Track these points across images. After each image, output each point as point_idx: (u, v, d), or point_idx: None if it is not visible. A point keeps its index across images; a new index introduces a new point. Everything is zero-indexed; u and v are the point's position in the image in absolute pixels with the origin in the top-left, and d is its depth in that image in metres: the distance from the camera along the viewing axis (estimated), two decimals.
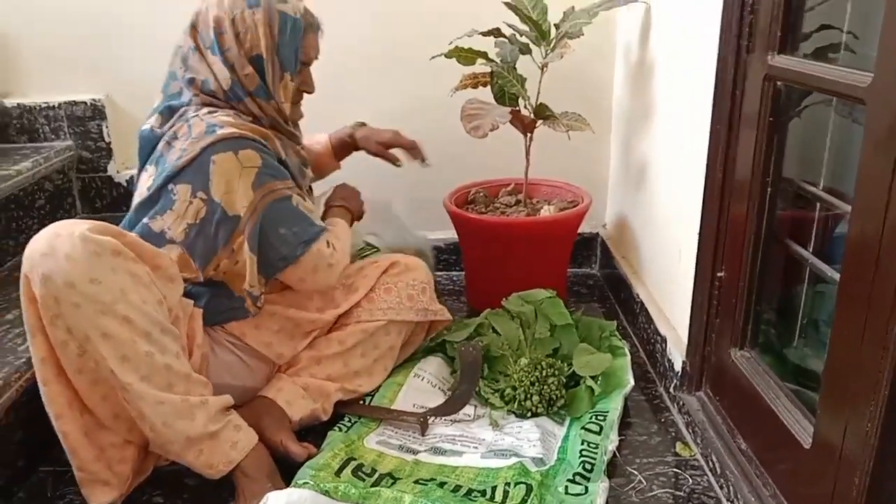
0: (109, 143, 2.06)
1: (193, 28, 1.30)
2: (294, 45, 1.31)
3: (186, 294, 1.27)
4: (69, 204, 2.04)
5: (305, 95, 1.43)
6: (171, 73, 1.34)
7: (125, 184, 2.09)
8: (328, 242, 1.35)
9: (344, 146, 1.66)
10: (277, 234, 1.27)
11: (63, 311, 1.07)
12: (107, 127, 2.05)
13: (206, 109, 1.28)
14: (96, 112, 2.03)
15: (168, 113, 1.31)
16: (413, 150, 1.61)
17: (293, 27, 1.29)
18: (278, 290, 1.40)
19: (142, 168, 1.33)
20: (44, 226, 1.11)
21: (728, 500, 1.20)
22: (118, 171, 2.09)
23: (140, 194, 1.30)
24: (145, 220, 1.27)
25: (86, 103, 2.02)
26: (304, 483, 1.13)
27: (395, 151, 1.63)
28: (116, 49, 1.99)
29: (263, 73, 1.29)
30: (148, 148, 1.32)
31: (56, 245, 1.06)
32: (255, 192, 1.23)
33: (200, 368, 1.26)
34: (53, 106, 2.01)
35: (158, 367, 1.13)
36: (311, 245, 1.31)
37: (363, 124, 1.67)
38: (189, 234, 1.25)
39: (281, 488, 1.16)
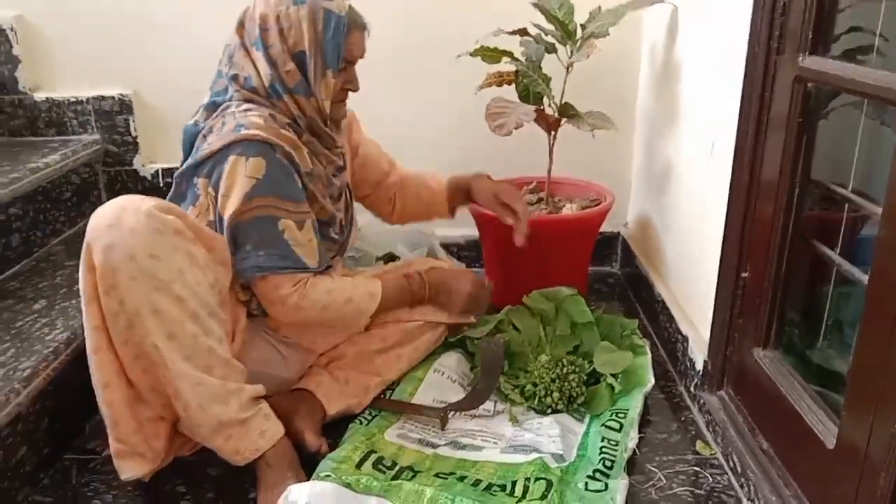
0: (136, 137, 2.08)
1: (241, 25, 1.31)
2: (337, 41, 1.31)
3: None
4: (95, 197, 2.07)
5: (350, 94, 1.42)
6: (219, 72, 1.36)
7: (150, 178, 2.12)
8: (300, 282, 1.28)
9: (458, 193, 1.65)
10: (244, 248, 1.25)
11: (119, 282, 1.10)
12: (133, 121, 2.07)
13: (244, 106, 1.29)
14: (123, 107, 2.05)
15: (212, 108, 1.34)
16: (520, 226, 1.56)
17: (337, 24, 1.30)
18: None
19: (184, 161, 1.35)
20: (70, 219, 1.14)
21: (748, 499, 1.20)
22: (143, 165, 2.11)
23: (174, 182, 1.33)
24: None
25: (113, 98, 2.05)
26: (326, 476, 1.14)
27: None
28: (145, 45, 2.02)
29: (306, 69, 1.30)
30: (190, 141, 1.34)
31: (122, 217, 1.09)
32: (243, 202, 1.22)
33: (240, 354, 1.28)
34: (81, 100, 2.04)
35: (202, 349, 1.15)
36: (266, 274, 1.26)
37: (486, 176, 1.65)
38: (214, 229, 1.27)
39: (303, 480, 1.18)
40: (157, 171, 2.12)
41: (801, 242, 1.20)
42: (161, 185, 2.13)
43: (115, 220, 1.10)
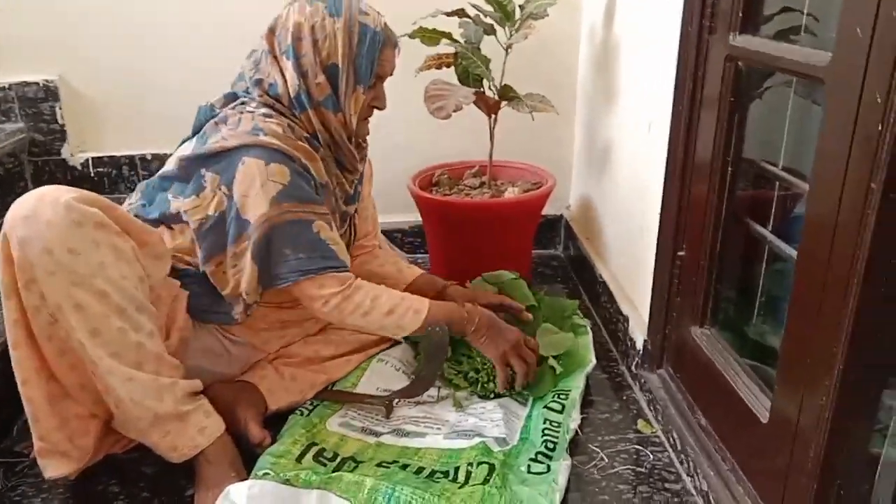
0: (63, 125, 2.01)
1: (271, 32, 1.28)
2: (371, 57, 1.28)
3: (182, 277, 1.26)
4: (21, 188, 1.98)
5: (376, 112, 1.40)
6: (241, 75, 1.33)
7: (80, 167, 2.04)
8: (346, 284, 1.25)
9: (427, 294, 1.52)
10: (282, 252, 1.21)
11: (38, 276, 1.05)
12: (60, 108, 1.99)
13: (264, 110, 1.26)
14: (49, 93, 1.97)
15: (231, 98, 1.32)
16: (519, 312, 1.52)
17: (373, 39, 1.27)
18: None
19: (189, 138, 1.32)
20: None
21: (688, 475, 1.22)
22: (72, 154, 2.04)
23: (172, 162, 1.29)
24: (169, 194, 1.27)
25: (38, 84, 1.96)
26: (265, 473, 1.11)
27: None
28: (70, 27, 1.93)
29: (336, 83, 1.27)
30: (201, 122, 1.31)
31: (39, 210, 1.04)
32: (271, 206, 1.19)
33: (177, 351, 1.24)
34: (4, 87, 1.95)
35: (130, 344, 1.11)
36: (310, 276, 1.23)
37: (460, 285, 1.58)
38: (203, 225, 1.23)
39: (243, 478, 1.15)
40: (87, 160, 2.05)
41: (735, 221, 1.21)
42: (92, 174, 2.05)
43: (31, 211, 1.04)
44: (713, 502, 1.12)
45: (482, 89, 1.73)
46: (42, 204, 1.05)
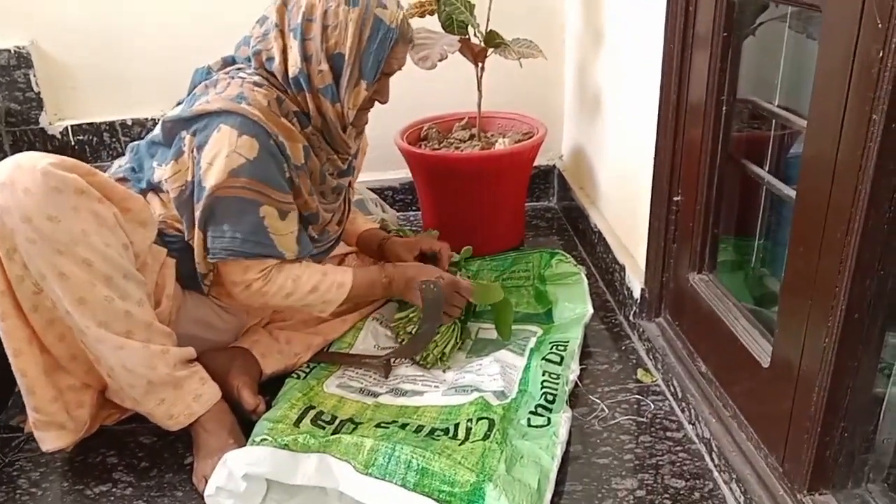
0: (39, 93, 1.95)
1: (284, 4, 1.21)
2: (381, 54, 1.22)
3: (171, 245, 1.23)
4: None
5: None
6: (245, 38, 1.27)
7: (59, 136, 2.00)
8: (268, 268, 1.22)
9: (370, 248, 1.56)
10: (220, 227, 1.17)
11: (18, 245, 1.03)
12: (34, 76, 1.93)
13: (256, 79, 1.21)
14: (22, 60, 1.91)
15: (229, 62, 1.27)
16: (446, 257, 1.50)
17: (384, 35, 1.21)
18: None
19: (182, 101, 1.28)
20: None
21: (690, 422, 1.21)
22: (51, 123, 1.99)
23: (159, 125, 1.25)
24: (154, 161, 1.24)
25: (9, 51, 1.90)
26: (263, 439, 1.10)
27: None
28: None
29: (339, 74, 1.21)
30: (195, 84, 1.27)
31: (16, 177, 1.00)
32: (229, 177, 1.14)
33: (169, 319, 1.22)
34: None
35: (118, 313, 1.09)
36: (237, 258, 1.19)
37: (394, 236, 1.56)
38: (183, 193, 1.20)
39: (241, 444, 1.14)
40: (66, 129, 2.00)
41: (730, 163, 1.18)
42: (72, 143, 2.01)
43: (8, 179, 1.00)
44: (715, 449, 1.11)
45: (467, 36, 1.68)
46: (19, 171, 1.01)
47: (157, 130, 1.25)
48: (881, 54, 0.72)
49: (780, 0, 1.00)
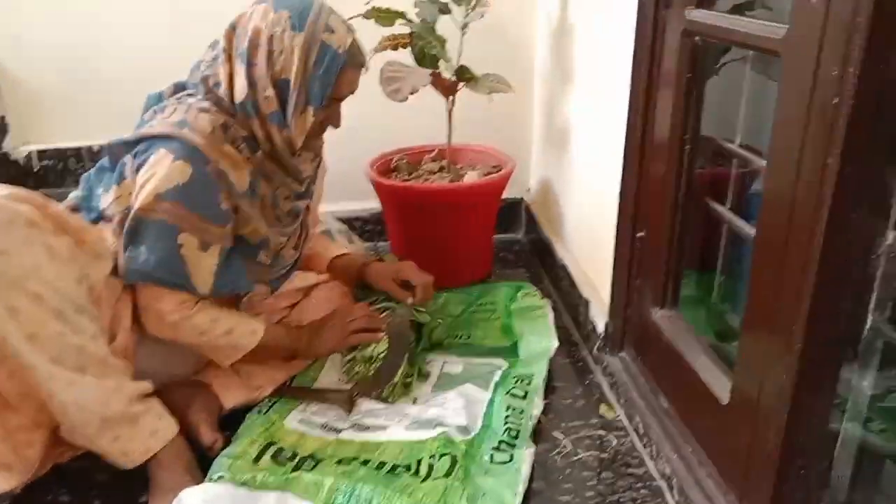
0: (3, 116, 1.92)
1: (232, 29, 1.21)
2: (328, 79, 1.21)
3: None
4: None
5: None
6: (197, 64, 1.26)
7: (22, 161, 1.96)
8: (186, 303, 1.19)
9: (345, 275, 1.55)
10: (138, 247, 1.15)
11: None
12: None
13: (204, 104, 1.20)
14: None
15: (179, 88, 1.26)
16: (424, 291, 1.49)
17: (331, 61, 1.20)
18: None
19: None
20: None
21: (651, 458, 1.21)
22: (15, 148, 1.95)
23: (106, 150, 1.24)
24: (100, 189, 1.22)
25: None
26: (220, 476, 1.07)
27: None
28: (7, 13, 1.85)
29: (286, 99, 1.20)
30: (146, 110, 1.26)
31: None
32: (153, 199, 1.13)
33: (126, 353, 1.19)
34: None
35: (70, 347, 1.06)
36: (146, 283, 1.17)
37: (377, 259, 1.57)
38: (125, 216, 1.17)
39: (199, 482, 1.11)
40: (30, 153, 1.97)
41: (693, 200, 1.20)
42: (36, 168, 1.98)
43: None
44: (675, 486, 1.11)
45: (439, 70, 1.69)
46: None
47: (105, 157, 1.24)
48: (836, 101, 0.74)
49: (741, 45, 1.03)
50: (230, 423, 1.28)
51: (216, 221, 1.18)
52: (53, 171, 1.99)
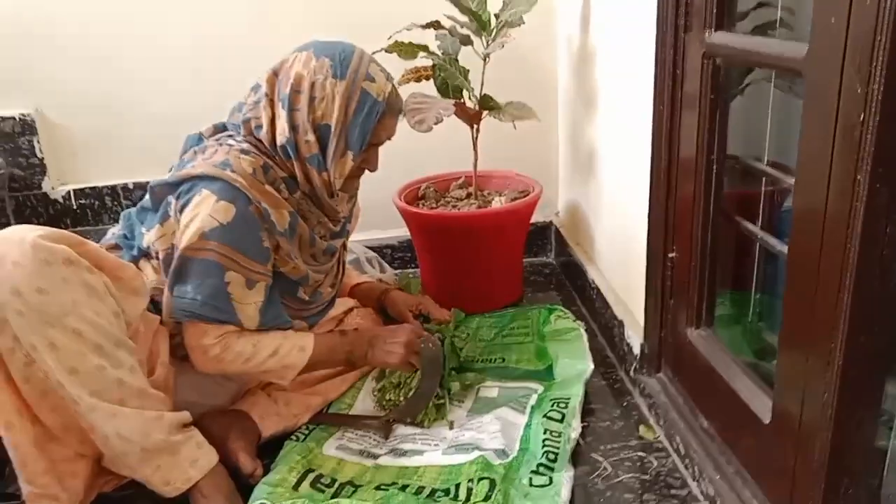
0: (42, 158, 1.99)
1: (274, 74, 1.26)
2: (367, 126, 1.25)
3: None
4: (3, 224, 1.94)
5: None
6: (240, 104, 1.30)
7: (62, 200, 2.02)
8: (225, 333, 1.21)
9: (368, 300, 1.61)
10: (184, 286, 1.19)
11: (9, 318, 1.02)
12: (38, 142, 1.97)
13: (244, 146, 1.24)
14: (26, 127, 1.95)
15: (220, 129, 1.31)
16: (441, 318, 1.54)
17: (371, 109, 1.25)
18: None
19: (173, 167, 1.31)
20: None
21: (694, 479, 1.20)
22: (53, 188, 2.02)
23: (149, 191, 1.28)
24: (143, 227, 1.26)
25: (14, 119, 1.94)
26: (261, 503, 1.09)
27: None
28: (44, 60, 1.92)
29: (326, 144, 1.24)
30: (186, 150, 1.30)
31: (4, 251, 1.02)
32: (199, 239, 1.16)
33: (164, 385, 1.22)
34: None
35: (110, 381, 1.09)
36: (194, 321, 1.20)
37: (397, 288, 1.63)
38: (169, 256, 1.21)
39: None
40: (68, 193, 2.03)
41: (723, 219, 1.20)
42: (74, 206, 2.04)
43: None
44: None
45: (462, 100, 1.72)
46: (7, 245, 1.02)
47: (147, 197, 1.27)
48: (862, 117, 0.74)
49: (762, 65, 1.04)
50: (268, 450, 1.30)
51: (259, 259, 1.21)
52: (91, 209, 2.05)
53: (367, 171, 1.37)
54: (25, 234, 1.03)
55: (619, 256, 1.63)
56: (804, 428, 0.92)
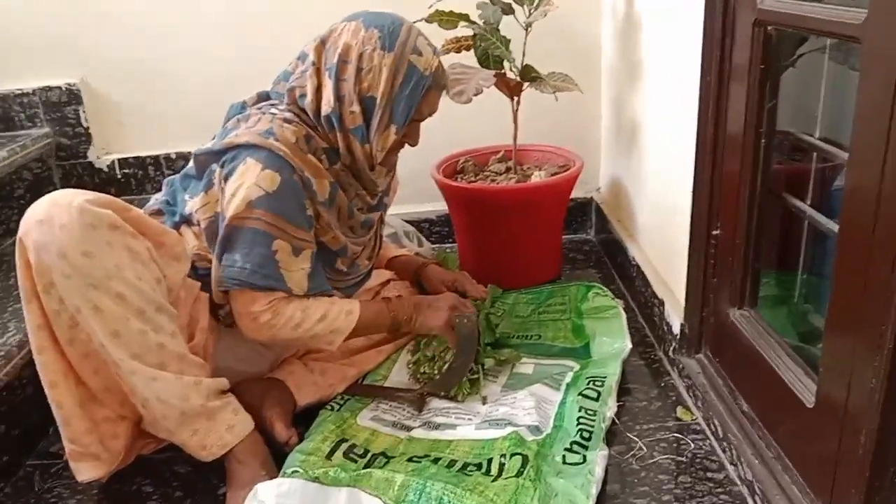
0: (88, 128, 2.02)
1: (322, 43, 1.25)
2: (413, 100, 1.24)
3: (206, 279, 1.25)
4: (50, 192, 2.00)
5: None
6: (285, 73, 1.30)
7: (106, 169, 2.06)
8: (275, 300, 1.20)
9: (405, 273, 1.61)
10: (232, 255, 1.18)
11: (55, 280, 1.05)
12: (84, 112, 2.00)
13: (287, 115, 1.23)
14: (72, 97, 1.98)
15: (263, 97, 1.31)
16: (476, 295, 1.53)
17: (417, 82, 1.23)
18: None
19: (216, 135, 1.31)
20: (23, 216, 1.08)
21: (731, 463, 1.17)
22: (98, 157, 2.05)
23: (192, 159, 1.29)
24: (186, 195, 1.27)
25: (61, 88, 1.97)
26: (294, 471, 1.10)
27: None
28: (90, 30, 1.94)
29: (370, 116, 1.23)
30: (229, 119, 1.30)
31: (53, 213, 1.04)
32: (246, 208, 1.16)
33: (203, 351, 1.24)
34: (28, 92, 1.97)
35: (151, 345, 1.10)
36: (243, 288, 1.19)
37: (436, 263, 1.63)
38: (213, 224, 1.22)
39: (273, 476, 1.14)
40: (113, 162, 2.06)
41: (771, 196, 1.15)
42: (118, 175, 2.07)
43: (45, 216, 1.04)
44: (759, 492, 1.07)
45: (503, 71, 1.69)
46: (55, 208, 1.04)
47: (191, 164, 1.28)
48: None
49: (818, 32, 0.99)
50: (304, 419, 1.31)
51: (305, 227, 1.21)
52: (134, 178, 2.08)
53: (406, 146, 1.35)
54: (73, 198, 1.04)
55: (661, 234, 1.59)
56: (850, 413, 0.88)
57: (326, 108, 1.22)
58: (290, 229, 1.19)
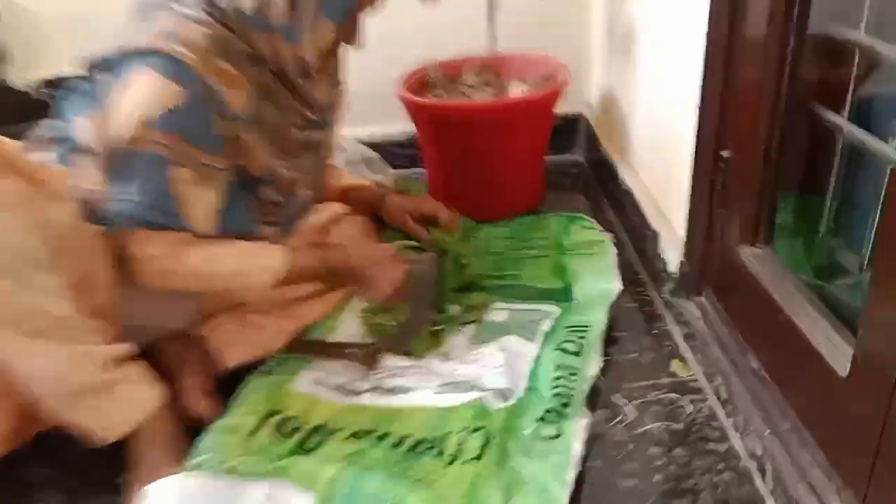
0: (5, 44, 1.79)
1: None
2: None
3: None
4: None
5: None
6: None
7: (26, 91, 1.83)
8: (174, 246, 1.03)
9: (361, 207, 1.41)
10: (123, 186, 0.98)
11: None
12: (0, 26, 1.78)
13: (193, 13, 1.00)
14: None
15: None
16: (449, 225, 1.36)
17: None
18: None
19: None
20: None
21: (737, 432, 0.99)
22: (18, 77, 1.82)
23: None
24: (75, 116, 1.05)
25: None
26: (201, 462, 0.93)
27: None
28: None
29: (298, 9, 1.02)
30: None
31: None
32: (142, 128, 0.95)
33: (104, 309, 1.03)
34: None
35: (25, 309, 0.90)
36: (137, 227, 1.00)
37: (394, 191, 1.44)
38: (108, 147, 1.00)
39: (182, 461, 0.97)
40: (34, 83, 1.82)
41: (797, 110, 0.94)
42: (42, 98, 1.83)
43: None
44: (769, 470, 0.90)
45: None
46: None
47: (85, 77, 1.05)
48: None
49: None
50: (232, 385, 1.12)
51: (212, 149, 1.00)
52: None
53: (354, 50, 1.14)
54: None
55: (660, 155, 1.39)
56: None
57: (246, 2, 0.99)
58: (195, 153, 0.98)
